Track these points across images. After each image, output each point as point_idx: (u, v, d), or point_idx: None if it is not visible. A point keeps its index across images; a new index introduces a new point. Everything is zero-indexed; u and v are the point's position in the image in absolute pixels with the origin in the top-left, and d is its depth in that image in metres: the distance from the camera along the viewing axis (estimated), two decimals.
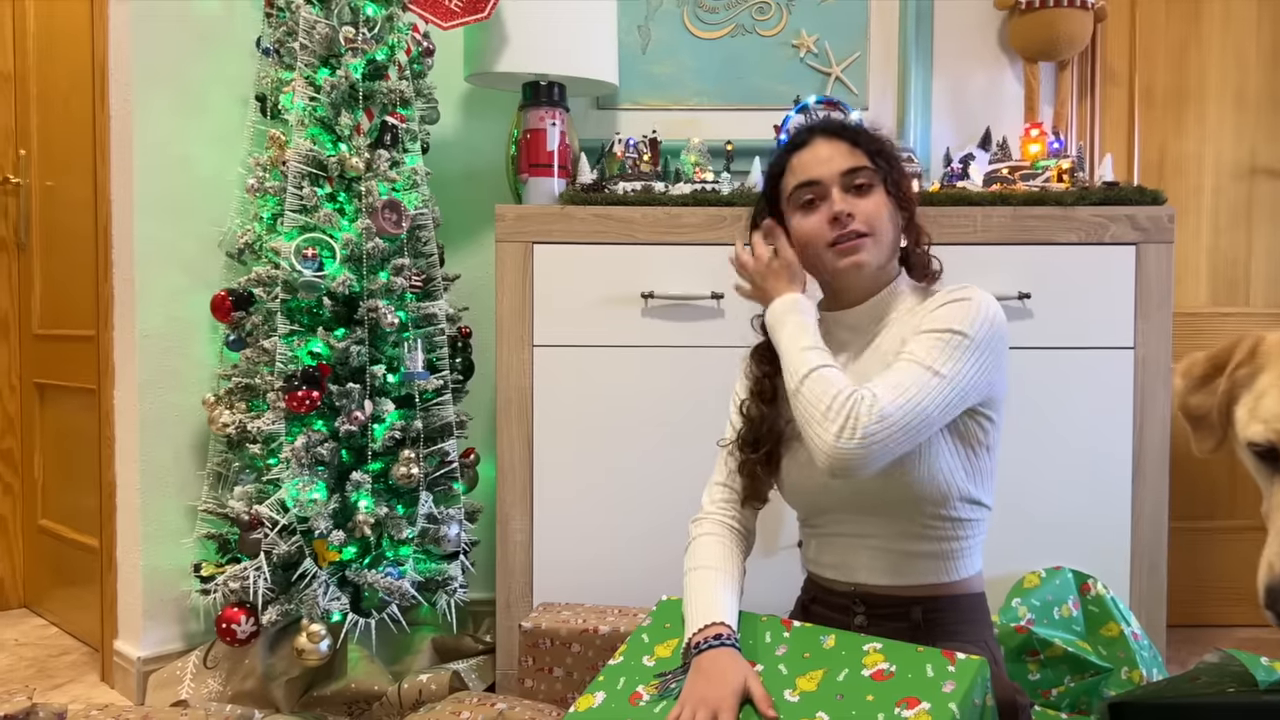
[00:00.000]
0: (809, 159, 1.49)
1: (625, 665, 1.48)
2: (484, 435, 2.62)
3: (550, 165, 2.44)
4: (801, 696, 1.30)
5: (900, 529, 1.47)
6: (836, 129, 1.51)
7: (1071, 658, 2.01)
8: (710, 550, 1.54)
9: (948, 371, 1.34)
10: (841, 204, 1.45)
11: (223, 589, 2.22)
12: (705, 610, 1.43)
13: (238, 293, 2.33)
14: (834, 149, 1.48)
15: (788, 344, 1.45)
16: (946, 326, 1.38)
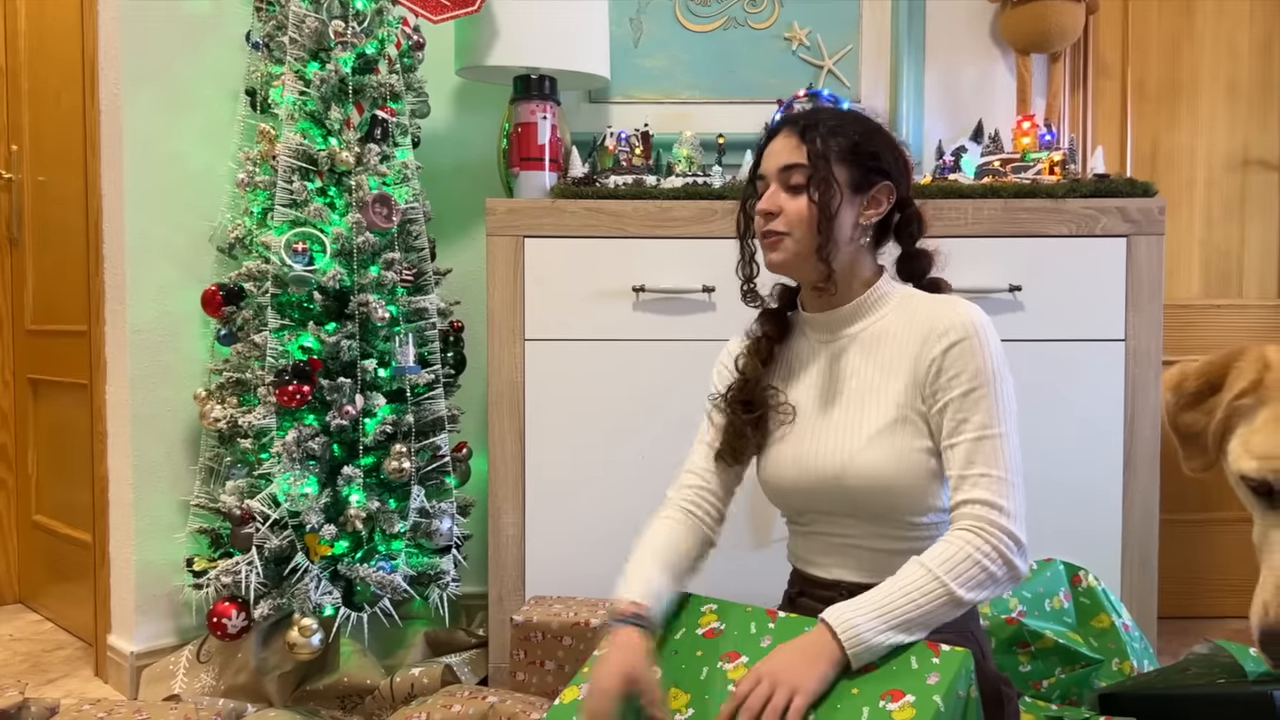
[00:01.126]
0: (770, 149, 1.50)
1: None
2: (476, 429, 2.62)
3: (541, 159, 2.44)
4: None
5: (880, 531, 1.47)
6: (795, 120, 1.48)
7: (1062, 649, 2.01)
8: (652, 532, 1.54)
9: (1004, 427, 1.37)
10: (766, 202, 1.47)
11: (215, 583, 2.22)
12: (627, 585, 1.45)
13: (228, 287, 2.33)
14: (784, 143, 1.47)
15: (905, 616, 1.30)
16: (973, 385, 1.37)
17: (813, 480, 1.48)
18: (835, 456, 1.45)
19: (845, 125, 1.47)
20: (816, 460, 1.47)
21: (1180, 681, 1.91)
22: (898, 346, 1.46)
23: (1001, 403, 1.38)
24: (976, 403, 1.37)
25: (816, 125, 1.45)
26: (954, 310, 1.43)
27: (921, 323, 1.45)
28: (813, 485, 1.48)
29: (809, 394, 1.53)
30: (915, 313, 1.47)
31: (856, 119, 1.50)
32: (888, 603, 1.29)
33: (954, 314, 1.42)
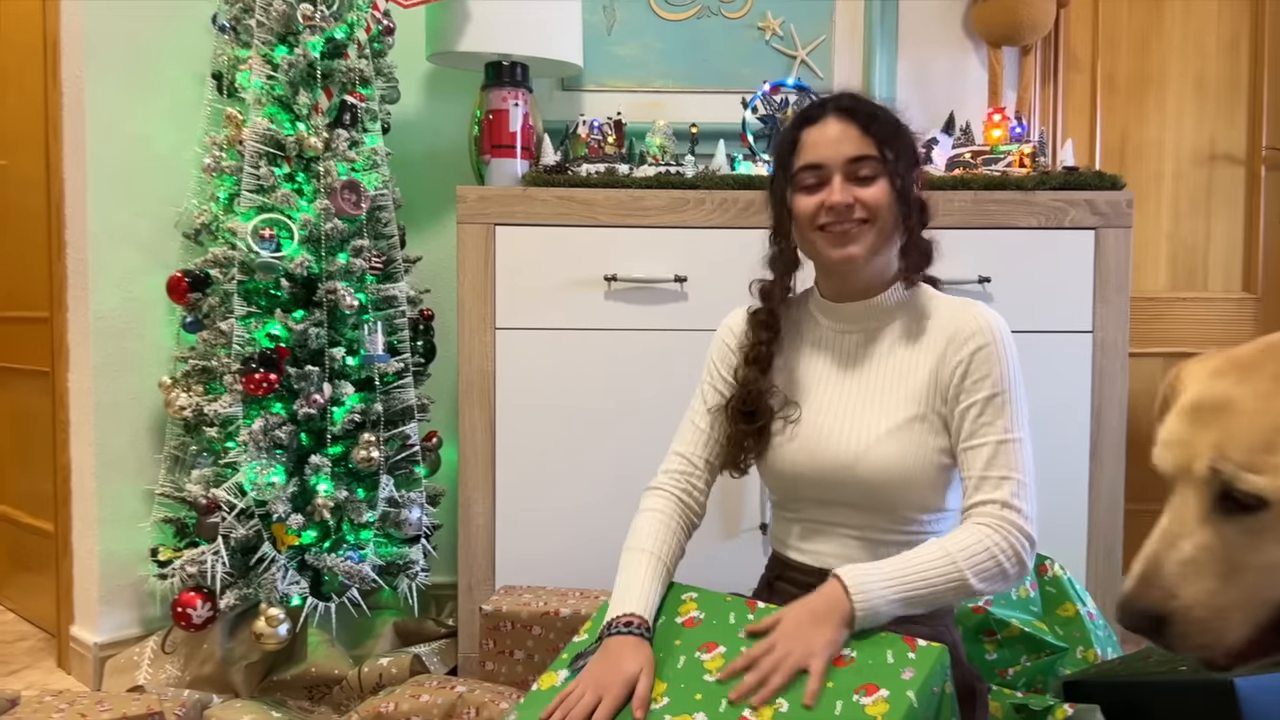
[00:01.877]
0: (818, 138, 1.42)
1: (587, 643, 1.48)
2: (446, 419, 2.60)
3: (513, 146, 2.42)
4: None
5: (877, 523, 1.48)
6: (850, 106, 1.41)
7: (1028, 637, 2.03)
8: (650, 530, 1.51)
9: (1022, 432, 1.41)
10: (840, 194, 1.40)
11: (180, 573, 2.20)
12: (626, 596, 1.42)
13: (194, 274, 2.29)
14: (844, 131, 1.40)
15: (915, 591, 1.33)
16: (996, 390, 1.40)
17: (823, 469, 1.47)
18: (850, 447, 1.44)
19: (886, 110, 1.45)
20: (830, 450, 1.46)
21: (1143, 669, 1.93)
22: (920, 345, 1.47)
23: (1021, 408, 1.42)
24: (1000, 408, 1.40)
25: (872, 115, 1.41)
26: (977, 315, 1.44)
27: (945, 324, 1.46)
28: (822, 474, 1.47)
29: (823, 382, 1.51)
30: (936, 313, 1.48)
31: (887, 105, 1.48)
32: (903, 574, 1.31)
33: (978, 318, 1.44)
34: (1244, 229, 2.96)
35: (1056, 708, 1.89)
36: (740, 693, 1.25)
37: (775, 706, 1.25)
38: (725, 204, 2.27)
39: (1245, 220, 2.95)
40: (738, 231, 2.22)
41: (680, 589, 1.52)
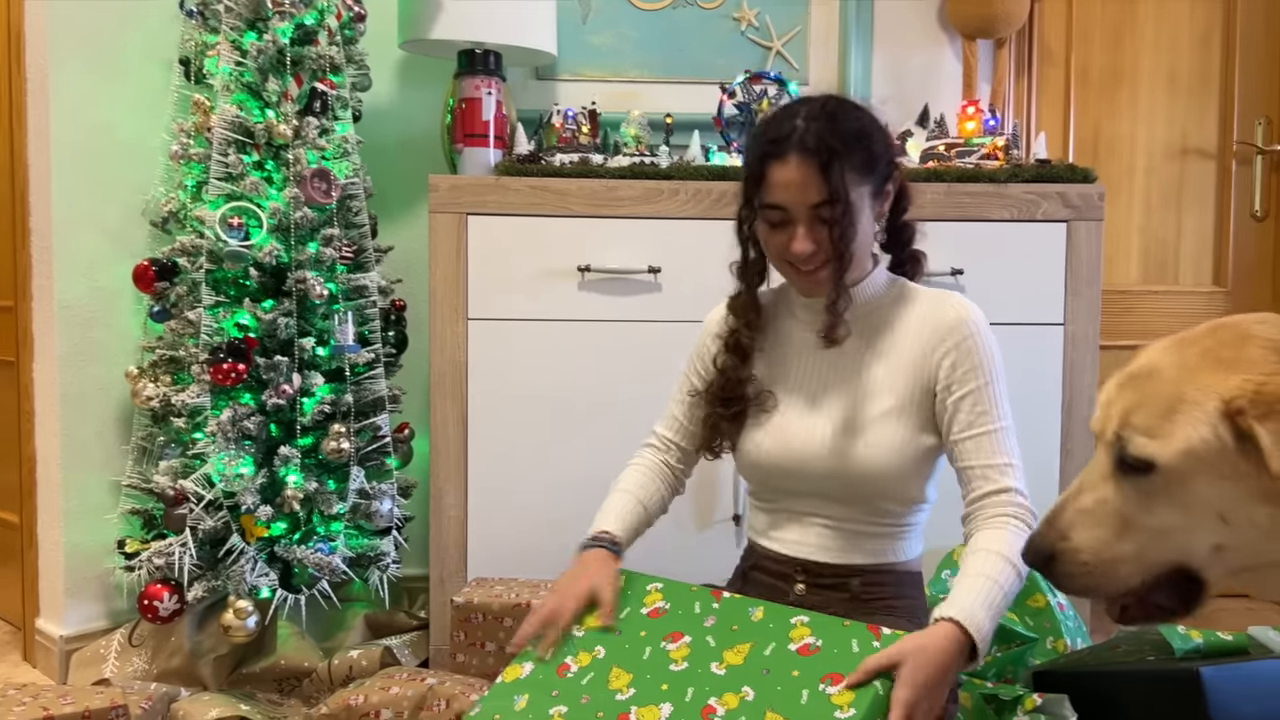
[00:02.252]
0: (781, 179, 1.38)
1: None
2: (418, 410, 2.58)
3: (486, 135, 2.40)
4: (728, 670, 1.30)
5: (854, 514, 1.48)
6: (813, 147, 1.36)
7: (999, 627, 2.04)
8: (635, 477, 1.60)
9: (1010, 419, 1.45)
10: (803, 243, 1.39)
11: (147, 565, 2.18)
12: (602, 519, 1.53)
13: (161, 262, 2.27)
14: (807, 174, 1.37)
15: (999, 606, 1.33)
16: (984, 380, 1.43)
17: (797, 461, 1.47)
18: (824, 440, 1.45)
19: (854, 135, 1.39)
20: (804, 442, 1.46)
21: (1111, 659, 1.95)
22: (900, 338, 1.47)
23: (1004, 393, 1.45)
24: (990, 397, 1.43)
25: (835, 153, 1.36)
26: (957, 306, 1.46)
27: (925, 315, 1.46)
28: (796, 466, 1.47)
29: (800, 374, 1.51)
30: (915, 304, 1.49)
31: (857, 120, 1.41)
32: (991, 597, 1.31)
33: (958, 310, 1.45)
34: (1214, 223, 2.98)
35: (1026, 697, 1.90)
36: None
37: (741, 695, 1.25)
38: (700, 195, 2.27)
39: (1216, 214, 2.98)
40: (712, 223, 2.21)
41: (645, 579, 1.51)
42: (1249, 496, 0.89)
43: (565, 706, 1.34)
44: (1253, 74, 2.94)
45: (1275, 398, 0.85)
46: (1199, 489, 0.91)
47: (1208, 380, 0.90)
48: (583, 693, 1.35)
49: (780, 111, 1.44)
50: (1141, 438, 0.93)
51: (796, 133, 1.38)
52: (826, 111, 1.39)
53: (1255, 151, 2.94)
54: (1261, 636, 1.89)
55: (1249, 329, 0.93)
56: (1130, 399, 0.96)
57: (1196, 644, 1.87)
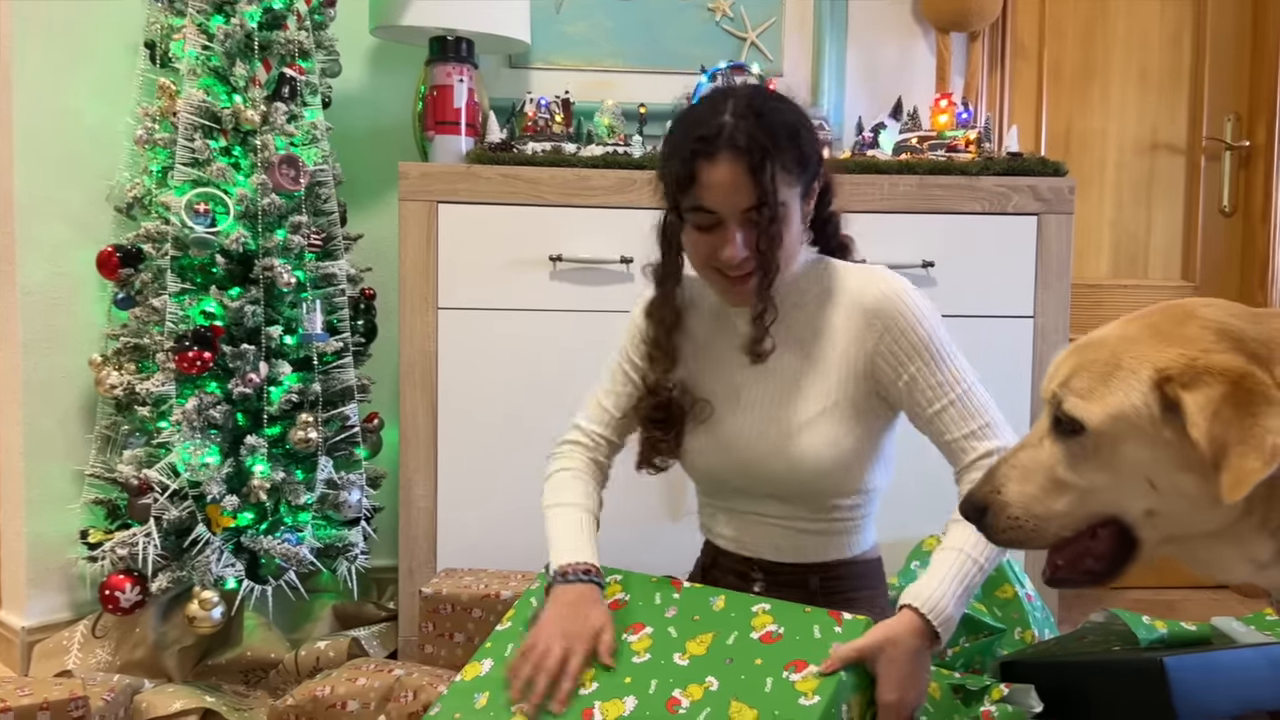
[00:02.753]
0: (711, 181, 1.31)
1: (513, 631, 1.46)
2: (388, 400, 2.56)
3: (457, 123, 2.38)
4: (691, 660, 1.30)
5: (804, 513, 1.47)
6: (744, 146, 1.30)
7: (967, 619, 2.05)
8: (574, 486, 1.53)
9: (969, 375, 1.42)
10: (733, 249, 1.34)
11: (111, 556, 2.15)
12: (574, 545, 1.43)
13: (126, 249, 2.23)
14: (736, 175, 1.30)
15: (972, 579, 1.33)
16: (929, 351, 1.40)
17: (742, 467, 1.46)
18: (770, 445, 1.43)
19: (785, 132, 1.33)
20: (747, 448, 1.45)
21: (1077, 649, 1.96)
22: (829, 329, 1.43)
23: (956, 354, 1.42)
24: (941, 363, 1.40)
25: (765, 152, 1.30)
26: (879, 284, 1.41)
27: (851, 302, 1.42)
28: (744, 471, 1.46)
29: (733, 379, 1.48)
30: (841, 291, 1.44)
31: (785, 118, 1.35)
32: (965, 571, 1.32)
33: (880, 288, 1.40)
34: (1184, 218, 3.00)
35: (993, 687, 1.91)
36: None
37: (705, 685, 1.25)
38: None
39: (1185, 209, 3.00)
40: None
41: (604, 572, 1.51)
42: (1173, 464, 0.92)
43: (527, 703, 1.33)
44: (1222, 71, 2.96)
45: (1204, 370, 0.88)
46: (1127, 453, 0.94)
47: (1145, 350, 0.94)
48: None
49: (705, 106, 1.36)
50: (1075, 399, 0.97)
51: (725, 130, 1.30)
52: (754, 108, 1.32)
53: (1224, 147, 2.97)
54: (1225, 627, 1.91)
55: (1194, 309, 0.96)
56: (1074, 363, 0.99)
57: (1161, 634, 1.89)
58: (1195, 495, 0.92)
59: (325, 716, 1.90)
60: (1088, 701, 1.84)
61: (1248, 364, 0.88)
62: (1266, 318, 0.95)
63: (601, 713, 1.27)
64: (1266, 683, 1.74)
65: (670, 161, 1.37)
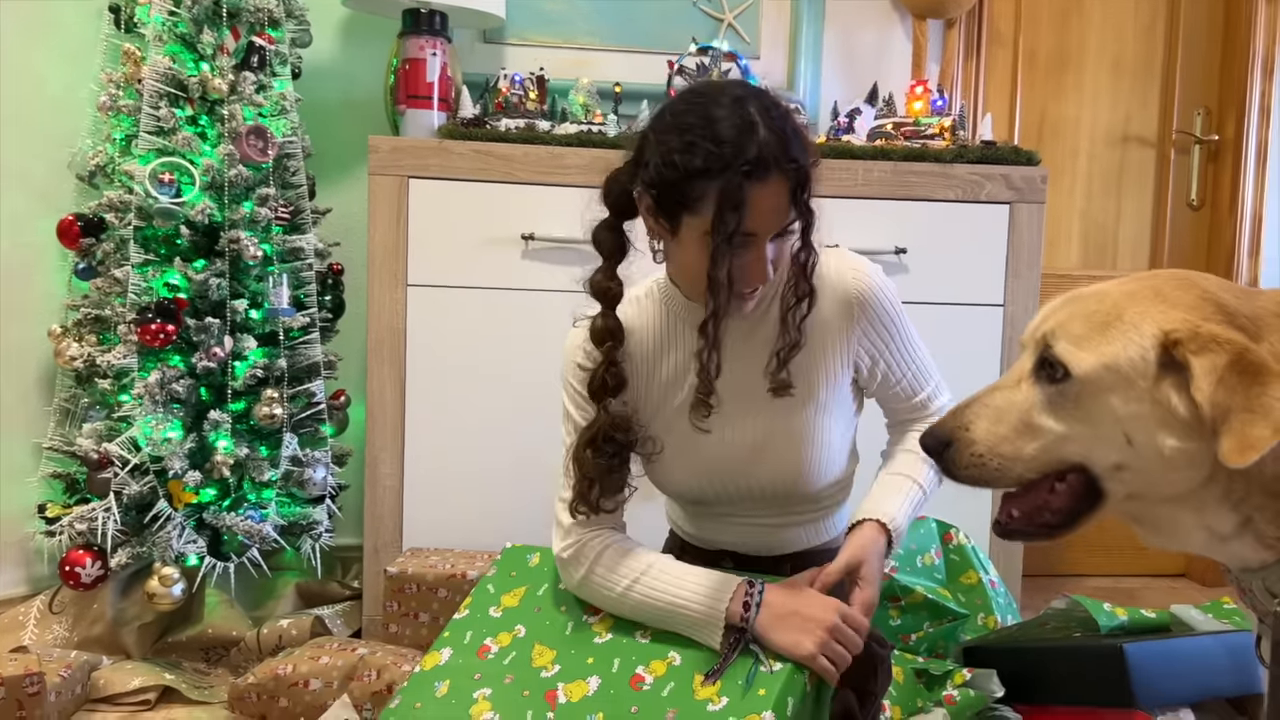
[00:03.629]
0: (760, 206, 1.22)
1: (471, 619, 1.45)
2: (355, 377, 2.53)
3: (430, 97, 2.34)
4: (652, 638, 1.30)
5: (781, 512, 1.46)
6: (789, 166, 1.22)
7: (931, 604, 2.07)
8: (635, 551, 1.36)
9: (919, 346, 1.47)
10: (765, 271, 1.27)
11: (69, 531, 2.11)
12: (714, 583, 1.29)
13: (88, 218, 2.19)
14: (780, 196, 1.23)
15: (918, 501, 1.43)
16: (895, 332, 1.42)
17: (726, 482, 1.42)
18: (761, 458, 1.39)
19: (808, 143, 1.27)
20: (736, 464, 1.40)
21: (1039, 635, 1.99)
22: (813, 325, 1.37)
23: (910, 324, 1.45)
24: (907, 343, 1.44)
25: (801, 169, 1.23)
26: (853, 273, 1.38)
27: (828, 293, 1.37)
28: (726, 488, 1.42)
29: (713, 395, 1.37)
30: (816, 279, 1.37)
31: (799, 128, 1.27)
32: (914, 501, 1.41)
33: (856, 278, 1.38)
34: (1152, 210, 3.03)
35: (956, 672, 1.93)
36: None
37: (668, 661, 1.25)
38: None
39: (1154, 201, 3.02)
40: None
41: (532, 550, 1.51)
42: (1157, 423, 0.93)
43: (489, 689, 1.32)
44: (1194, 65, 2.98)
45: (1210, 338, 0.89)
46: (1111, 405, 0.94)
47: (1149, 309, 0.94)
48: (505, 673, 1.34)
49: (727, 116, 1.22)
50: (1067, 343, 0.96)
51: (765, 142, 1.21)
52: (776, 109, 1.24)
53: (1193, 141, 2.99)
54: (1184, 614, 1.94)
55: (1196, 279, 0.97)
56: (1070, 311, 0.99)
57: (1122, 621, 1.92)
58: (1169, 456, 0.93)
59: (287, 695, 1.88)
60: (1049, 686, 1.86)
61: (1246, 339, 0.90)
62: (1255, 295, 0.97)
63: (565, 694, 1.27)
64: (1224, 670, 1.77)
65: (692, 184, 1.22)
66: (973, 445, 1.01)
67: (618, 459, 1.36)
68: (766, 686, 1.18)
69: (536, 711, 1.26)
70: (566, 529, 1.38)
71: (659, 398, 1.41)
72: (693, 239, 1.25)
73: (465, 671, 1.36)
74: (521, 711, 1.27)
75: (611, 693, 1.25)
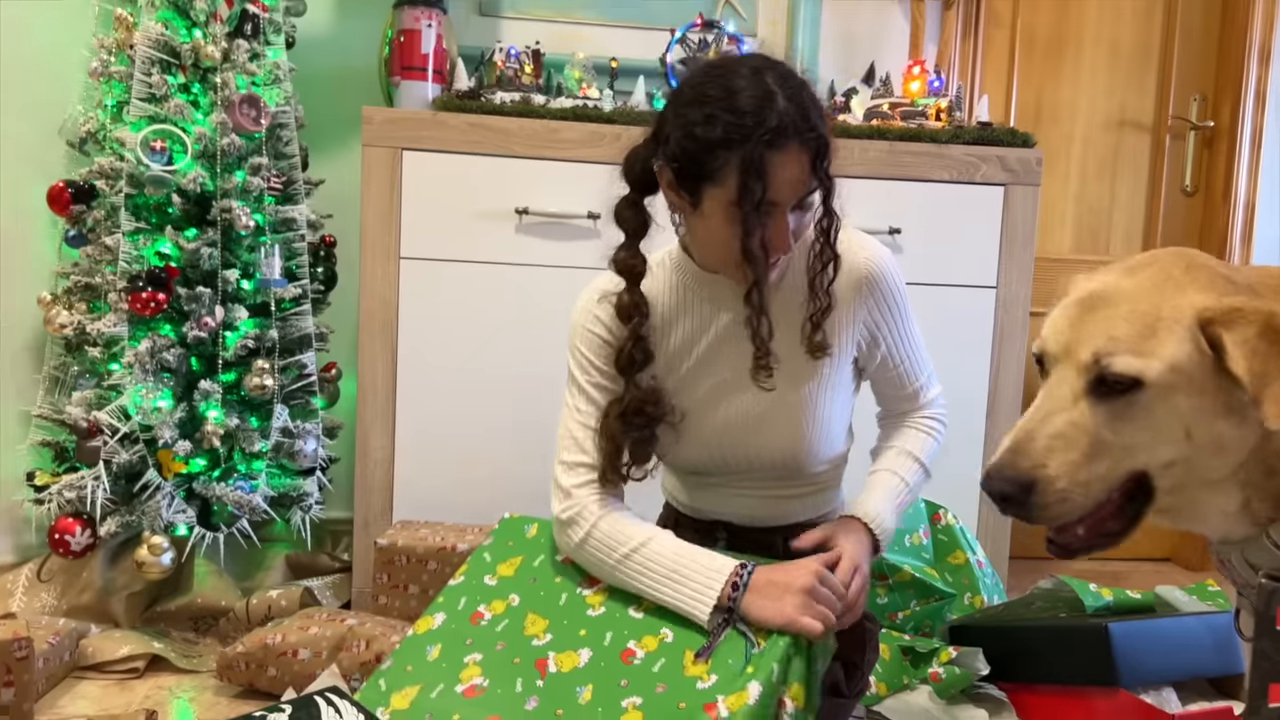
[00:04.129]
0: (782, 175, 1.23)
1: (466, 585, 1.45)
2: (346, 349, 2.52)
3: (424, 69, 2.33)
4: (645, 613, 1.30)
5: (779, 483, 1.47)
6: (809, 135, 1.23)
7: (919, 583, 2.08)
8: (635, 522, 1.36)
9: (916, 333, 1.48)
10: (787, 240, 1.28)
11: (58, 499, 2.11)
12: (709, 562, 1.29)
13: (78, 184, 2.17)
14: (801, 165, 1.23)
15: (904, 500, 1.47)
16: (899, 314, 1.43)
17: (733, 452, 1.43)
18: (771, 431, 1.40)
19: (823, 111, 1.27)
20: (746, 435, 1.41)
21: (1025, 615, 2.00)
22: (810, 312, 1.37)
23: (911, 314, 1.46)
24: (906, 328, 1.45)
25: (821, 139, 1.24)
26: (866, 254, 1.38)
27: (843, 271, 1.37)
28: (732, 456, 1.43)
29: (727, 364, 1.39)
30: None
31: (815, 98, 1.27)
32: (900, 498, 1.44)
33: (869, 260, 1.38)
34: (1146, 196, 3.03)
35: (942, 650, 1.94)
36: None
37: (660, 637, 1.25)
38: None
39: (1148, 187, 3.02)
40: None
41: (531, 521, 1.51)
42: (1214, 411, 0.94)
43: (480, 654, 1.32)
44: (1191, 50, 2.98)
45: (1236, 311, 0.90)
46: (1177, 404, 0.94)
47: (1176, 299, 0.94)
48: (498, 640, 1.34)
49: (748, 85, 1.23)
50: (1128, 356, 0.94)
51: (785, 111, 1.21)
52: (793, 79, 1.25)
53: (1189, 127, 2.99)
54: (1167, 595, 1.95)
55: (1194, 258, 0.98)
56: (1101, 323, 0.97)
57: (1106, 601, 1.93)
58: (1224, 442, 0.94)
59: (276, 664, 1.89)
60: (1034, 664, 1.87)
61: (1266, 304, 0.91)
62: (1238, 270, 0.99)
63: (556, 664, 1.27)
64: (1207, 650, 1.78)
65: (714, 154, 1.22)
66: (1054, 482, 0.97)
67: (648, 430, 1.38)
68: (756, 664, 1.19)
69: (526, 680, 1.26)
70: (567, 490, 1.37)
71: (665, 366, 1.41)
72: (715, 210, 1.26)
73: (457, 637, 1.36)
74: (511, 679, 1.27)
75: (602, 665, 1.25)
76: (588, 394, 1.40)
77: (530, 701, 1.24)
